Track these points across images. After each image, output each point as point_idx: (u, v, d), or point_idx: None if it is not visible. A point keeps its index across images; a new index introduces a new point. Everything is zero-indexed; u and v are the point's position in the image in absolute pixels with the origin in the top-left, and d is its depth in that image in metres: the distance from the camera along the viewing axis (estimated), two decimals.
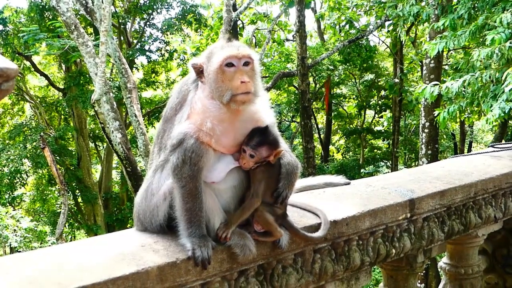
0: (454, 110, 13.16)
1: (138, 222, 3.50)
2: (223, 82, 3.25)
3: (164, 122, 3.50)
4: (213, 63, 3.29)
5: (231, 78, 3.24)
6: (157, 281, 2.93)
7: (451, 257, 5.48)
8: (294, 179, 3.48)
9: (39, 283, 2.63)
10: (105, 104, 17.28)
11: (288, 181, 3.43)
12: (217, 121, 3.25)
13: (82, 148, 34.22)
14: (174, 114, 3.43)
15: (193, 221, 3.21)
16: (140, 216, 3.45)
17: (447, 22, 13.34)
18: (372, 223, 4.06)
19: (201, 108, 3.29)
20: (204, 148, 3.20)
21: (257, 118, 3.43)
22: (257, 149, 3.32)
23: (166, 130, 3.45)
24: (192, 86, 3.41)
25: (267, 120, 3.46)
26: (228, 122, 3.30)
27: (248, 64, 3.30)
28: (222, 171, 3.34)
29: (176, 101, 3.47)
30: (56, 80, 36.97)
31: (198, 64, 3.34)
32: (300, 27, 25.03)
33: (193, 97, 3.36)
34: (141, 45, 33.14)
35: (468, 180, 4.96)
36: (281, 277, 3.57)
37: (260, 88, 3.38)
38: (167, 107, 3.53)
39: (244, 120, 3.37)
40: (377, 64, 34.84)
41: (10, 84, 2.23)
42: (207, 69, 3.31)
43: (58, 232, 24.12)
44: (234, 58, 3.27)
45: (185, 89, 3.46)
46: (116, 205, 35.82)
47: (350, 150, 41.25)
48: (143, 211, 3.43)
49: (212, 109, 3.27)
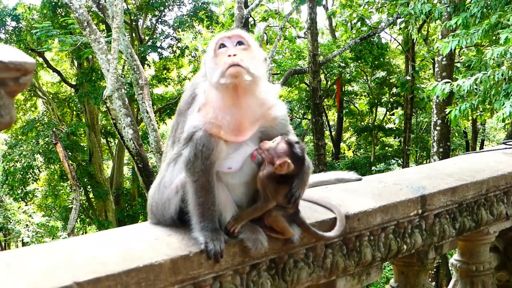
0: (466, 108, 13.13)
1: (151, 215, 3.53)
2: (216, 64, 3.25)
3: (178, 115, 3.53)
4: (209, 53, 3.35)
5: (221, 57, 3.25)
6: (170, 273, 2.95)
7: (462, 254, 5.48)
8: (307, 178, 3.46)
9: (53, 275, 2.65)
10: (117, 100, 17.35)
11: (301, 180, 3.41)
12: (222, 110, 3.25)
13: (94, 144, 34.34)
14: (187, 108, 3.45)
15: (206, 215, 3.22)
16: (153, 208, 3.48)
17: (459, 21, 13.29)
18: (384, 218, 4.07)
19: (207, 100, 3.31)
20: (214, 141, 3.21)
21: (265, 107, 3.42)
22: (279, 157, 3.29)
23: (179, 123, 3.47)
24: (201, 80, 3.44)
25: (278, 111, 3.46)
26: (233, 109, 3.28)
27: (241, 44, 3.31)
28: (239, 158, 3.35)
29: (188, 95, 3.50)
30: (68, 76, 37.10)
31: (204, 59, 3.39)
32: (312, 24, 25.02)
33: (201, 91, 3.38)
34: (152, 42, 33.23)
35: (479, 177, 4.95)
36: (293, 271, 3.59)
37: (262, 73, 3.33)
38: (181, 101, 3.56)
39: (251, 108, 3.35)
40: (388, 61, 34.77)
41: (27, 78, 2.26)
42: (206, 61, 3.36)
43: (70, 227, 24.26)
44: (224, 38, 3.31)
45: (196, 83, 3.49)
46: (127, 201, 35.93)
47: (361, 148, 41.20)
48: (155, 204, 3.46)
49: (215, 99, 3.29)
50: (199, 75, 3.53)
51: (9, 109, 2.24)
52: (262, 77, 3.33)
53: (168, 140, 3.62)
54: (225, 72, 3.17)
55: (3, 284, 2.54)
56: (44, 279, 2.61)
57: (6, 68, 2.14)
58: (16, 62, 2.16)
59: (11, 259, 2.83)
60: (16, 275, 2.64)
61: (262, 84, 3.36)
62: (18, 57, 2.19)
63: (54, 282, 2.58)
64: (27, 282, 2.56)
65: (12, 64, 2.14)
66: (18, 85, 2.24)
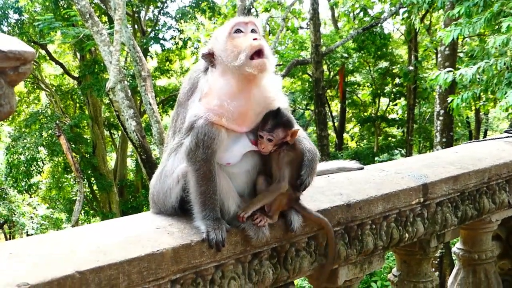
0: (468, 97, 13.10)
1: (153, 204, 3.55)
2: (235, 47, 3.27)
3: (178, 106, 3.55)
4: (221, 37, 3.35)
5: (243, 40, 3.29)
6: (172, 262, 2.97)
7: (464, 242, 5.49)
8: (315, 166, 3.50)
9: (56, 264, 2.67)
10: (120, 92, 17.36)
11: (310, 168, 3.45)
12: (229, 98, 3.26)
13: (97, 136, 34.36)
14: (187, 99, 3.46)
15: (207, 204, 3.23)
16: (154, 198, 3.50)
17: (462, 10, 13.23)
18: (385, 207, 4.07)
19: (212, 89, 3.30)
20: (216, 130, 3.21)
21: (270, 99, 3.45)
22: (273, 132, 3.33)
23: (179, 114, 3.49)
24: (201, 73, 3.44)
25: (281, 103, 3.48)
26: (240, 98, 3.30)
27: (255, 33, 3.34)
28: (238, 152, 3.37)
29: (187, 87, 3.50)
30: (71, 69, 37.09)
31: (207, 50, 3.37)
32: (314, 15, 25.00)
33: (203, 82, 3.38)
34: (155, 33, 33.16)
35: (481, 165, 4.96)
36: (295, 260, 3.60)
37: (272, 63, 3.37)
38: (180, 92, 3.58)
39: (257, 98, 3.38)
40: (391, 51, 34.70)
41: (27, 67, 2.26)
42: (216, 47, 3.35)
43: (74, 219, 24.31)
44: (241, 24, 3.34)
45: (195, 76, 3.49)
46: (131, 192, 35.99)
47: (364, 138, 41.17)
48: (157, 193, 3.48)
49: (224, 86, 3.29)
50: (196, 69, 3.55)
51: (9, 99, 2.24)
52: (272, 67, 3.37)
53: (168, 131, 3.64)
54: (252, 61, 3.22)
55: (6, 273, 2.56)
56: (46, 268, 2.63)
57: (6, 57, 2.15)
58: (15, 51, 2.17)
59: (13, 249, 2.85)
60: (18, 264, 2.66)
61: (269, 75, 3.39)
62: (17, 46, 2.20)
63: (56, 271, 2.60)
64: (29, 271, 2.58)
65: (12, 53, 2.15)
66: (18, 74, 2.24)
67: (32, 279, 2.51)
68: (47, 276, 2.55)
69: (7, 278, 2.51)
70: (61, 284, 2.57)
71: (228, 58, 3.28)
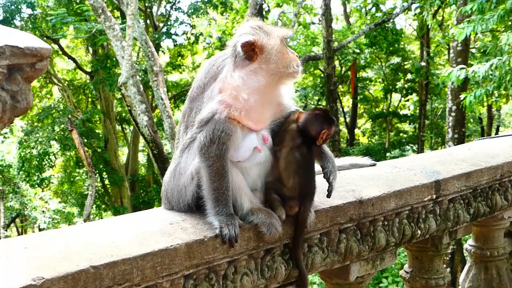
0: (481, 94, 13.06)
1: (165, 201, 3.55)
2: (285, 55, 3.40)
3: (191, 101, 3.53)
4: (276, 39, 3.40)
5: (289, 53, 3.44)
6: (185, 258, 2.98)
7: (476, 239, 5.48)
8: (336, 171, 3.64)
9: (71, 258, 2.69)
10: (132, 87, 17.41)
11: (334, 173, 3.59)
12: (253, 95, 3.30)
13: (109, 130, 34.46)
14: (202, 92, 3.45)
15: (220, 199, 3.24)
16: (168, 195, 3.50)
17: (475, 6, 13.17)
18: (398, 204, 4.07)
19: (238, 81, 3.30)
20: (234, 127, 3.24)
21: (284, 103, 3.56)
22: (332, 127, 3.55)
23: (193, 108, 3.48)
24: (227, 62, 3.41)
25: (291, 107, 3.60)
26: (262, 97, 3.37)
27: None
28: (247, 150, 3.37)
29: (204, 80, 3.48)
30: (83, 63, 37.21)
31: (253, 40, 3.32)
32: (326, 10, 24.95)
33: (228, 72, 3.36)
34: (167, 28, 33.21)
35: (494, 162, 4.94)
36: (307, 256, 3.61)
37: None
38: (194, 86, 3.55)
39: (274, 101, 3.49)
40: (403, 47, 34.60)
41: (44, 63, 2.29)
42: (268, 42, 3.36)
43: (86, 214, 24.37)
44: (288, 36, 3.51)
45: (217, 66, 3.47)
46: (143, 187, 36.09)
47: (375, 134, 41.10)
48: (171, 190, 3.48)
49: (255, 83, 3.32)
50: (217, 59, 3.53)
51: (26, 95, 2.27)
52: None
53: (179, 126, 3.63)
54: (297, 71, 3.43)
55: (21, 267, 2.58)
56: (61, 262, 2.65)
57: (23, 54, 2.17)
58: (32, 47, 2.19)
59: (28, 243, 2.88)
60: (33, 259, 2.68)
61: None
62: (34, 43, 2.22)
63: (71, 265, 2.62)
64: (44, 265, 2.60)
65: (29, 49, 2.17)
66: (34, 71, 2.27)
67: (47, 273, 2.54)
68: (61, 271, 2.58)
69: (22, 272, 2.53)
70: (75, 278, 2.59)
71: (279, 62, 3.36)
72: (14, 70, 2.23)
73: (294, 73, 3.41)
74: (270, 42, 3.36)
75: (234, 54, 3.36)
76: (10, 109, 2.23)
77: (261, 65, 3.33)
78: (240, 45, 3.31)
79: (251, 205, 3.35)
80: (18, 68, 2.22)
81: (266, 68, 3.33)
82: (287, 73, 3.39)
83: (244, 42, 3.30)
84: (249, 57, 3.33)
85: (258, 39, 3.33)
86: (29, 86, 2.29)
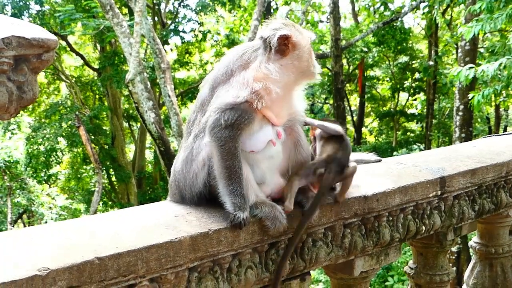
0: (489, 94, 13.03)
1: (175, 191, 3.52)
2: (313, 56, 3.52)
3: (213, 88, 3.48)
4: (307, 38, 3.50)
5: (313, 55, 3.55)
6: (190, 250, 2.99)
7: (481, 236, 5.48)
8: None
9: (76, 250, 2.71)
10: (139, 84, 17.45)
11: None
12: (281, 89, 3.35)
13: (116, 127, 34.52)
14: (228, 78, 3.43)
15: (233, 177, 3.22)
16: (180, 184, 3.46)
17: (483, 5, 13.14)
18: (403, 199, 4.07)
19: (274, 73, 3.34)
20: (254, 115, 3.28)
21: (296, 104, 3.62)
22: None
23: (214, 94, 3.44)
24: (259, 53, 3.43)
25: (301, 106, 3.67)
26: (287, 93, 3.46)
27: None
28: (262, 141, 3.39)
29: (232, 67, 3.45)
30: (91, 60, 37.28)
31: (290, 34, 3.37)
32: (334, 9, 24.95)
33: (262, 63, 3.38)
34: (175, 25, 33.22)
35: (499, 159, 4.94)
36: (311, 250, 3.61)
37: None
38: (218, 73, 3.50)
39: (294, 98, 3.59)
40: (411, 46, 34.55)
41: (50, 55, 2.31)
42: (302, 40, 3.44)
43: (93, 210, 24.46)
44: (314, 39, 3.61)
45: (248, 55, 3.46)
46: (149, 184, 36.16)
47: (383, 133, 41.05)
48: (183, 179, 3.44)
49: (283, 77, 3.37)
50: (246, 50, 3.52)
51: (32, 86, 2.29)
52: None
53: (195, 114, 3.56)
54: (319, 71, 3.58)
55: (27, 257, 2.61)
56: (67, 253, 2.67)
57: (29, 45, 2.19)
58: (38, 38, 2.21)
59: (34, 235, 2.90)
60: (39, 250, 2.70)
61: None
62: (41, 34, 2.24)
63: (77, 257, 2.64)
64: (50, 256, 2.62)
65: (35, 40, 2.19)
66: (41, 62, 2.29)
67: (53, 264, 2.56)
68: (67, 262, 2.59)
69: (28, 262, 2.55)
70: (80, 269, 2.61)
71: (309, 61, 3.48)
72: (21, 61, 2.26)
73: (316, 74, 3.52)
74: (303, 40, 3.44)
75: (268, 46, 3.39)
76: (16, 100, 2.25)
77: (293, 61, 3.40)
78: (277, 37, 3.34)
79: (256, 199, 3.34)
80: (24, 59, 2.24)
81: (298, 65, 3.41)
82: (313, 73, 3.50)
83: (282, 34, 3.34)
84: (281, 52, 3.37)
85: (293, 35, 3.38)
86: (35, 77, 2.31)
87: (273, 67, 3.34)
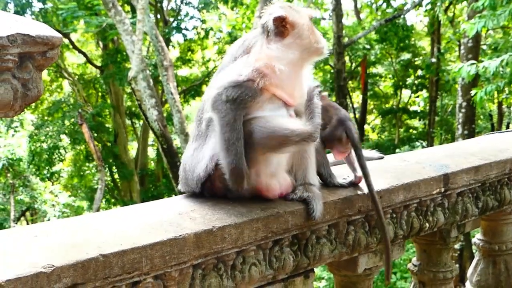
0: (492, 90, 13.03)
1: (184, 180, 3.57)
2: (315, 32, 3.50)
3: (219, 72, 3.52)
4: (305, 16, 3.49)
5: (316, 30, 3.53)
6: (194, 247, 2.99)
7: (485, 233, 5.48)
8: None
9: (80, 247, 2.71)
10: (142, 81, 17.47)
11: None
12: (288, 68, 3.35)
13: (119, 125, 34.56)
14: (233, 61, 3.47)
15: (230, 149, 3.23)
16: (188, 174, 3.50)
17: (486, 2, 13.11)
18: (406, 196, 4.07)
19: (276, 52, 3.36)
20: (258, 93, 3.27)
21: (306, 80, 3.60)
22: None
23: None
24: (259, 38, 3.45)
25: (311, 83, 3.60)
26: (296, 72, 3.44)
27: None
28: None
29: (236, 53, 3.49)
30: (93, 58, 37.29)
31: (284, 14, 3.38)
32: (337, 6, 24.93)
33: (263, 45, 3.41)
34: (177, 23, 33.23)
35: (503, 156, 4.93)
36: (315, 247, 3.61)
37: None
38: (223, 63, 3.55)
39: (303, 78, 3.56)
40: (414, 43, 34.49)
41: (55, 52, 2.31)
42: (299, 19, 3.44)
43: (95, 208, 24.49)
44: (314, 16, 3.63)
45: (249, 41, 3.49)
46: (152, 181, 36.19)
47: (385, 130, 41.04)
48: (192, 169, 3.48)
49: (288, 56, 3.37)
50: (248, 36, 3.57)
51: (37, 83, 2.29)
52: None
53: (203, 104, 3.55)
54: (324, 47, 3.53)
55: (31, 254, 2.61)
56: (71, 250, 2.67)
57: (34, 42, 2.20)
58: (43, 36, 2.21)
59: (38, 231, 2.90)
60: (43, 246, 2.71)
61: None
62: (45, 31, 2.24)
63: (81, 254, 2.64)
64: (54, 253, 2.63)
65: (40, 38, 2.19)
66: (45, 59, 2.29)
67: (57, 261, 2.56)
68: (71, 258, 2.59)
69: (32, 259, 2.55)
70: (85, 266, 2.61)
71: (312, 37, 3.45)
72: (26, 58, 2.26)
73: (323, 48, 3.50)
74: (301, 18, 3.44)
75: (266, 30, 3.42)
76: (21, 97, 2.25)
77: (295, 40, 3.40)
78: (272, 19, 3.37)
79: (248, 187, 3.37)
80: (29, 56, 2.25)
81: (300, 43, 3.41)
82: (318, 48, 3.48)
83: (276, 16, 3.36)
84: (280, 33, 3.39)
85: (289, 15, 3.40)
86: (40, 74, 2.31)
87: (274, 47, 3.37)
